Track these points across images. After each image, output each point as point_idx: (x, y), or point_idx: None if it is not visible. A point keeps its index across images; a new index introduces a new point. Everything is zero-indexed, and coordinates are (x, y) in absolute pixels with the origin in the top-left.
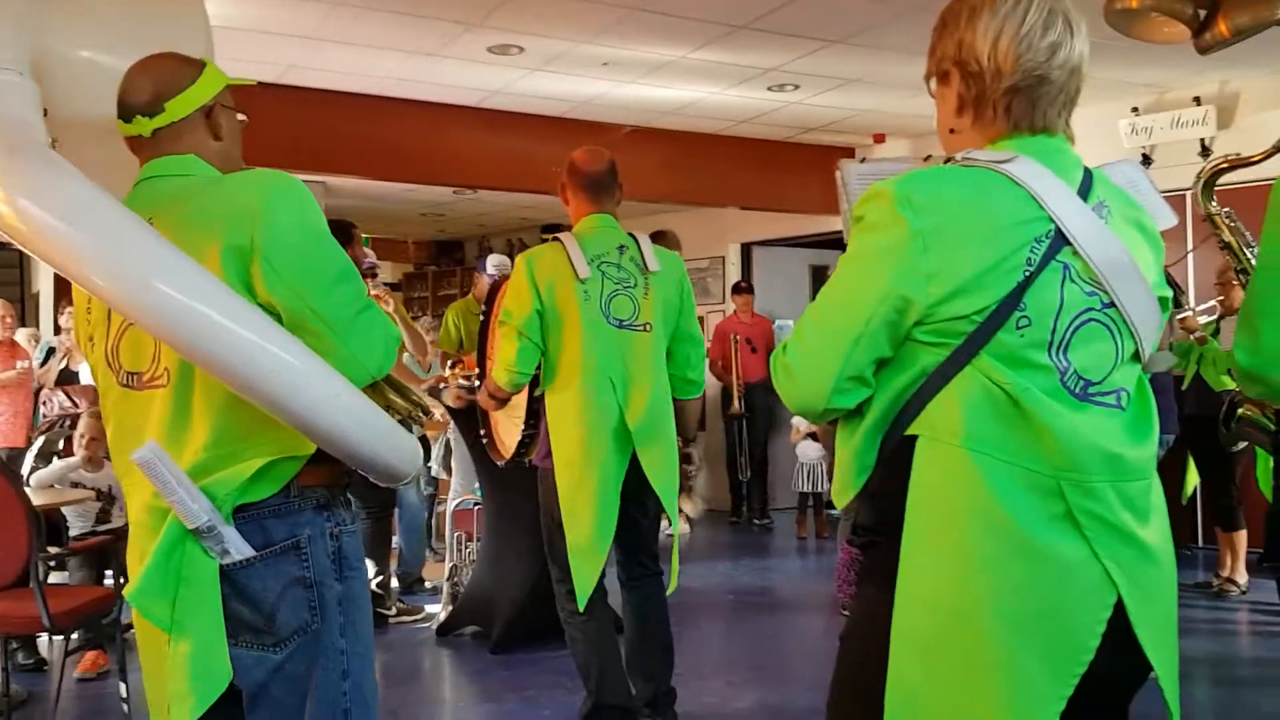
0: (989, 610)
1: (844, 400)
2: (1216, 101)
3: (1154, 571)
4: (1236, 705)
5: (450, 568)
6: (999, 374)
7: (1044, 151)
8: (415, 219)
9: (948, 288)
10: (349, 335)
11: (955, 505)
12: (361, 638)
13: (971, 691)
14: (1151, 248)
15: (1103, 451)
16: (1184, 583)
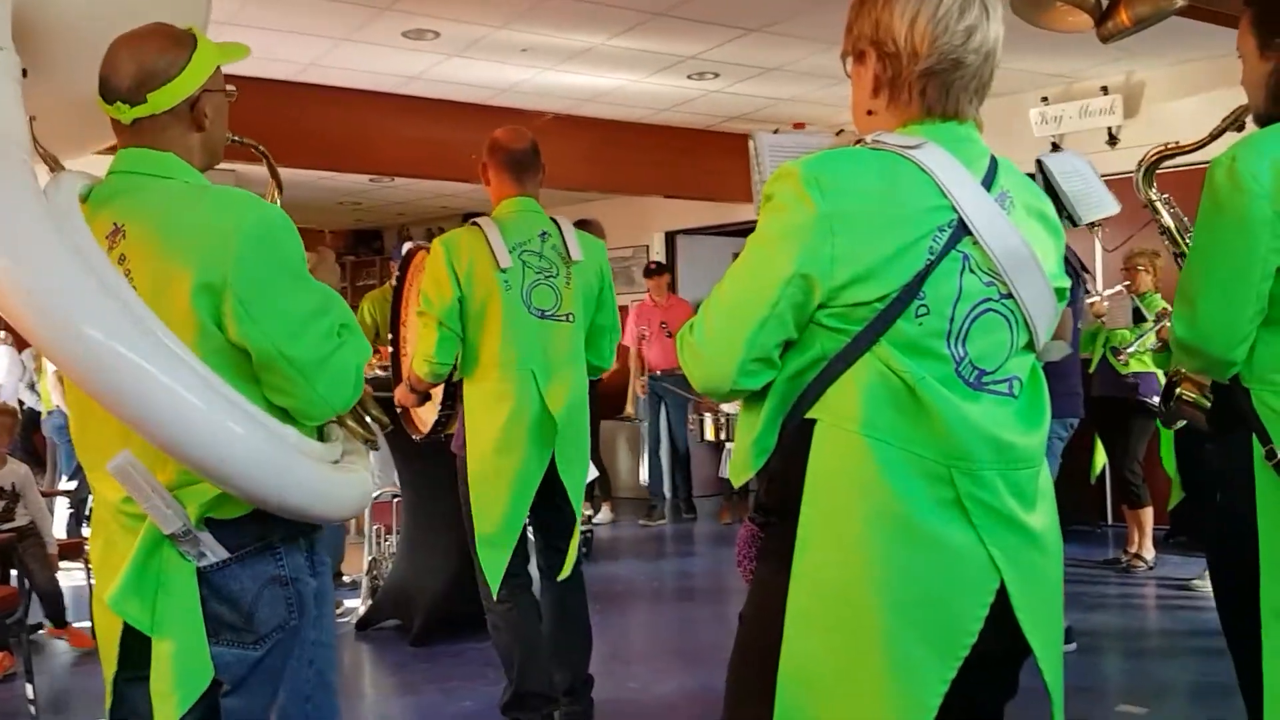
0: (875, 593)
1: (750, 381)
2: (1123, 91)
3: (1038, 556)
4: (1142, 676)
5: (369, 561)
6: (897, 362)
7: (953, 139)
8: (332, 208)
9: (851, 273)
10: (318, 378)
11: (849, 490)
12: (326, 629)
13: (859, 671)
14: (1053, 237)
15: (993, 440)
16: (1093, 559)
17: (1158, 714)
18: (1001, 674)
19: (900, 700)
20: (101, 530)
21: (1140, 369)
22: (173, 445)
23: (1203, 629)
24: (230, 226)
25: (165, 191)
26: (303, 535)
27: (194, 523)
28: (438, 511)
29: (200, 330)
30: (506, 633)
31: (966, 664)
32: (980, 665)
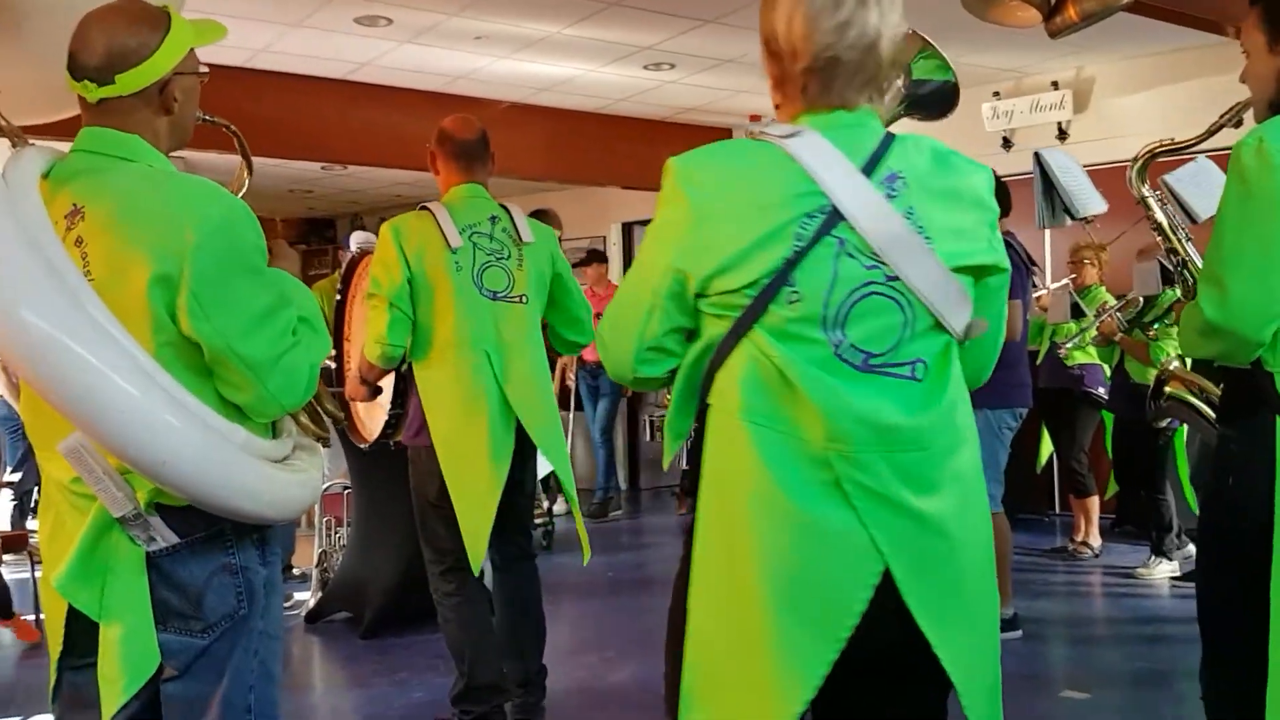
0: (759, 574)
1: (650, 369)
2: (1073, 86)
3: (934, 542)
4: (1086, 662)
5: (319, 553)
6: (770, 347)
7: (834, 125)
8: (283, 195)
9: (719, 263)
10: (270, 376)
11: (734, 473)
12: (273, 620)
13: (749, 650)
14: (972, 213)
15: (872, 423)
16: (1040, 547)
17: (1101, 700)
18: (911, 680)
19: (784, 678)
20: (50, 509)
21: (1085, 360)
22: (105, 435)
23: (1146, 616)
24: (189, 218)
25: (128, 175)
26: (254, 525)
27: (144, 506)
28: (389, 504)
29: (155, 321)
30: (456, 624)
31: (874, 659)
32: (882, 665)
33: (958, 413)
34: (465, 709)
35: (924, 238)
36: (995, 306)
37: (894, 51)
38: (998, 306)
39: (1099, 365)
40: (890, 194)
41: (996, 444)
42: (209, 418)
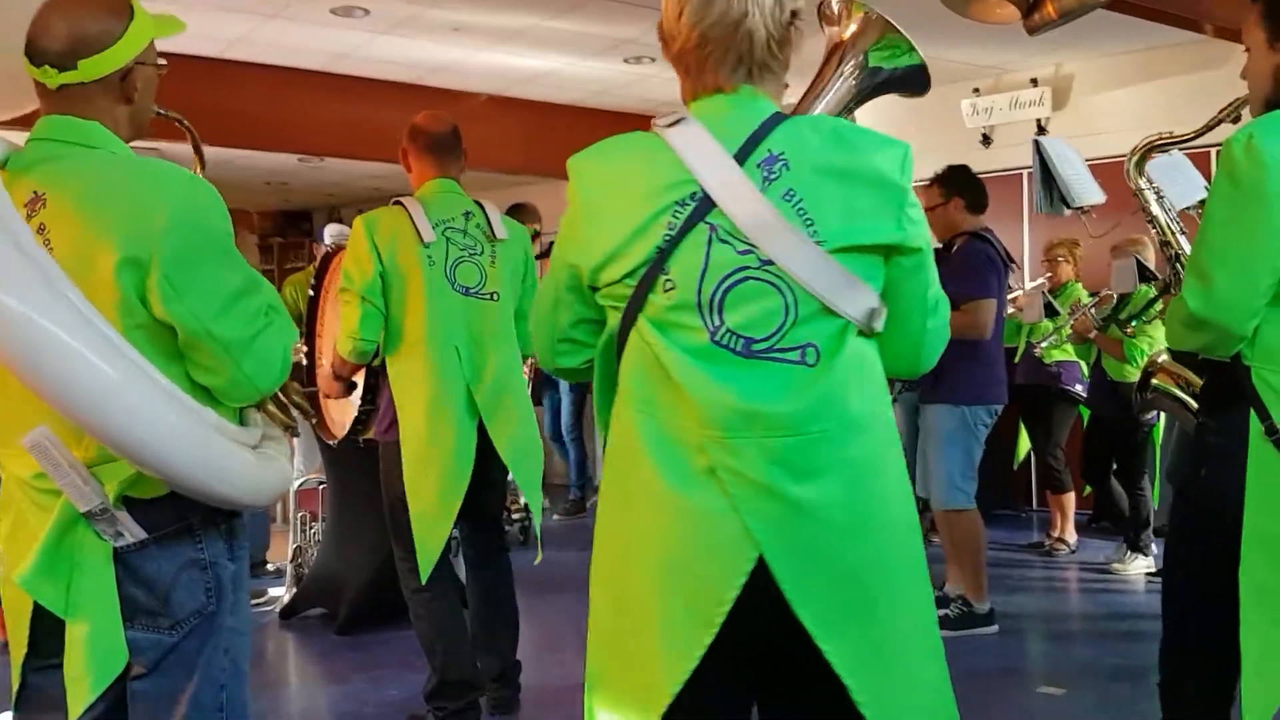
0: (642, 557)
1: (567, 360)
2: (1052, 83)
3: (815, 531)
4: (1063, 658)
5: (294, 549)
6: (651, 336)
7: (713, 109)
8: (259, 188)
9: (602, 255)
10: (244, 357)
11: (623, 461)
12: (242, 615)
13: (637, 630)
14: (870, 193)
15: (744, 409)
16: (1017, 543)
17: (1077, 695)
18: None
19: (663, 660)
20: (10, 507)
21: (1062, 358)
22: (87, 419)
23: (1122, 612)
24: (158, 200)
25: (90, 161)
26: (222, 519)
27: (112, 501)
28: (364, 499)
29: (123, 305)
30: (428, 621)
31: (766, 649)
32: (777, 651)
33: (851, 399)
34: (439, 705)
35: (805, 220)
36: (912, 288)
37: (772, 31)
38: (915, 288)
39: (1076, 363)
40: (768, 176)
41: (971, 440)
42: (184, 399)
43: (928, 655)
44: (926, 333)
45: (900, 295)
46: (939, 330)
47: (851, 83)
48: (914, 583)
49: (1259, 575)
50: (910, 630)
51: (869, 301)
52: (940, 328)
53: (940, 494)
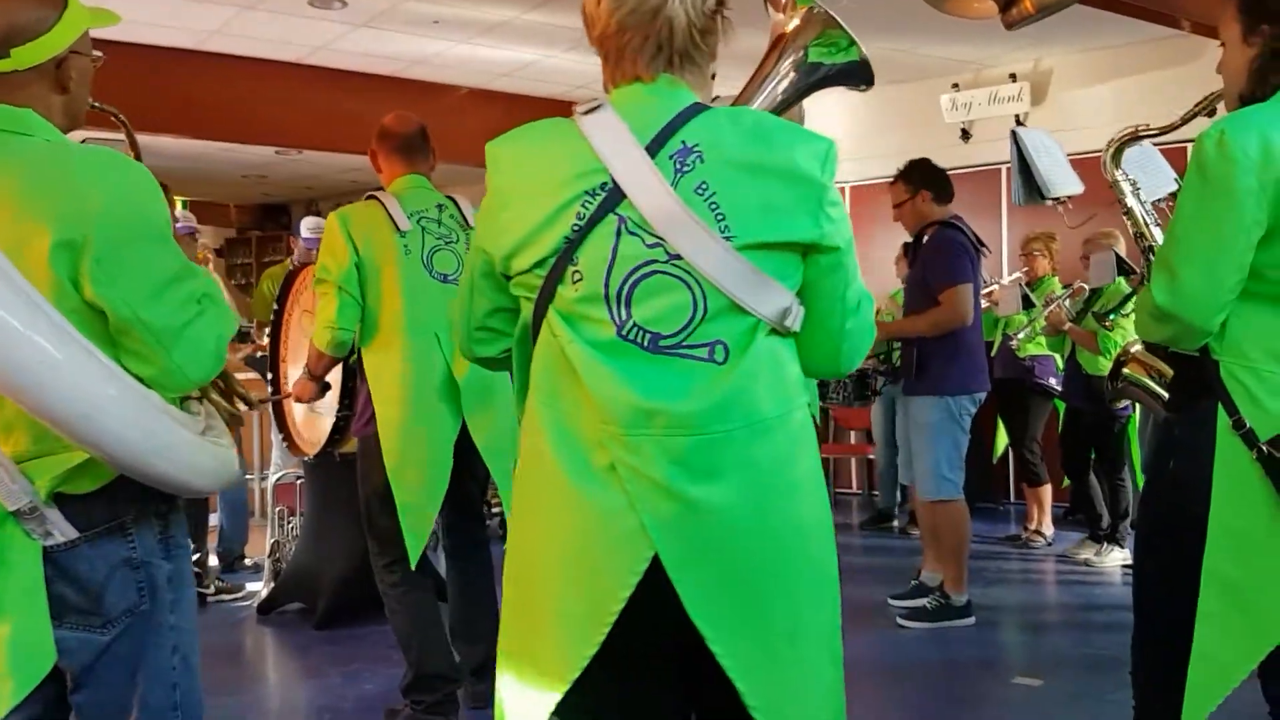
0: (542, 551)
1: (484, 349)
2: (1030, 78)
3: (710, 531)
4: (1039, 649)
5: (272, 543)
6: (557, 327)
7: (630, 98)
8: (236, 181)
9: (511, 243)
10: (175, 346)
11: (528, 455)
12: (187, 613)
13: (536, 621)
14: (785, 189)
15: (645, 406)
16: (995, 536)
17: (1053, 685)
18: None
19: (559, 651)
20: None
21: (1038, 352)
22: (27, 392)
23: (1098, 603)
24: (93, 184)
25: (24, 147)
26: (156, 516)
27: (43, 498)
28: (342, 493)
29: (57, 289)
30: (403, 615)
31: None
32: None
33: (761, 399)
34: (417, 698)
35: (716, 215)
36: (831, 287)
37: (694, 19)
38: (834, 287)
39: (1051, 357)
40: (680, 169)
41: (957, 430)
42: (126, 377)
43: (825, 660)
44: (846, 333)
45: (819, 294)
46: (861, 331)
47: (792, 76)
48: (816, 587)
49: (1222, 568)
50: (809, 635)
51: (781, 301)
52: (862, 328)
53: (928, 485)
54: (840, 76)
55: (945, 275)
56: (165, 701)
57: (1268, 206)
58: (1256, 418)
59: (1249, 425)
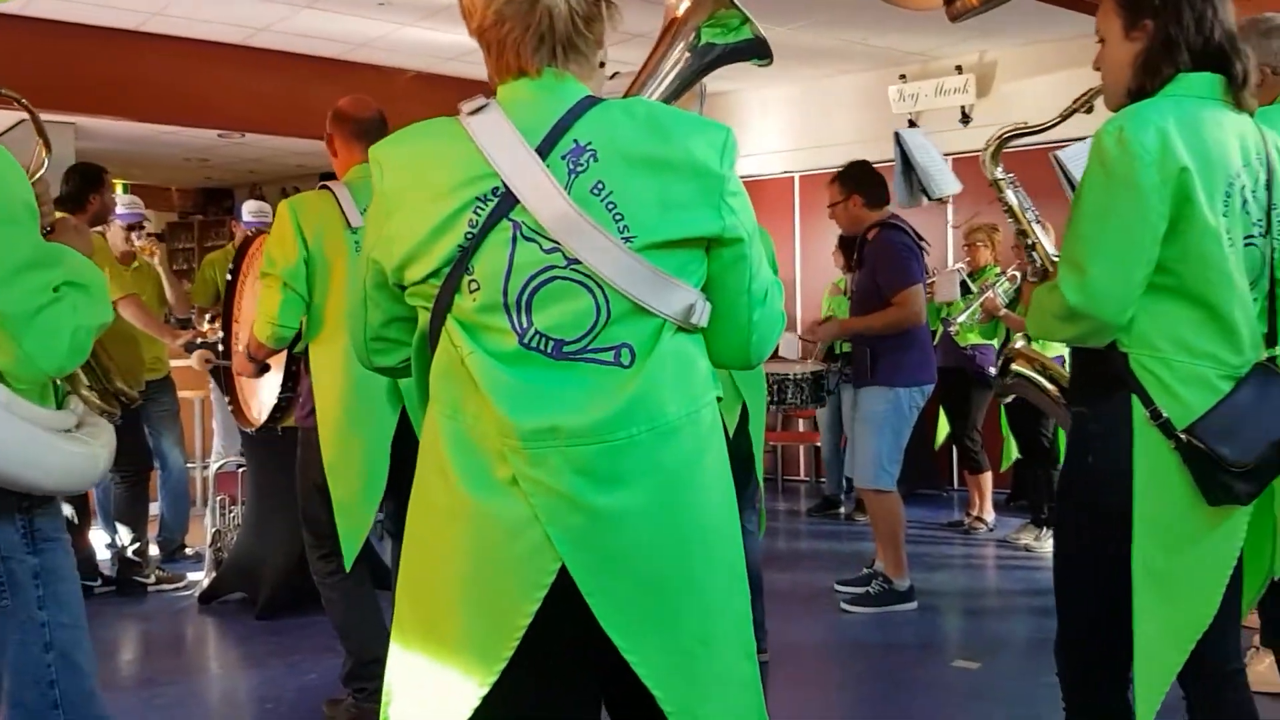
0: (441, 565)
1: (382, 359)
2: (976, 70)
3: (618, 539)
4: (978, 633)
5: (213, 533)
6: (457, 337)
7: (517, 95)
8: (178, 164)
9: (403, 253)
10: (25, 333)
11: (426, 467)
12: (67, 608)
13: (439, 638)
14: (684, 182)
15: (546, 416)
16: (938, 522)
17: (991, 669)
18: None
19: (464, 672)
20: None
21: (978, 341)
22: None
23: (1038, 587)
24: None
25: None
26: (18, 510)
27: None
28: (284, 482)
29: None
30: (341, 604)
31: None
32: (593, 663)
33: (667, 401)
34: (358, 686)
35: (614, 215)
36: (736, 280)
37: (576, 7)
38: (739, 280)
39: (991, 345)
40: (574, 169)
41: (902, 423)
42: None
43: (739, 656)
44: (754, 325)
45: (724, 287)
46: (769, 321)
47: (686, 58)
48: (726, 585)
49: (1150, 559)
50: (721, 634)
51: (685, 299)
52: (771, 319)
53: (867, 474)
54: (735, 55)
55: (897, 279)
56: (42, 701)
57: (1170, 200)
58: (1172, 407)
59: (1165, 415)
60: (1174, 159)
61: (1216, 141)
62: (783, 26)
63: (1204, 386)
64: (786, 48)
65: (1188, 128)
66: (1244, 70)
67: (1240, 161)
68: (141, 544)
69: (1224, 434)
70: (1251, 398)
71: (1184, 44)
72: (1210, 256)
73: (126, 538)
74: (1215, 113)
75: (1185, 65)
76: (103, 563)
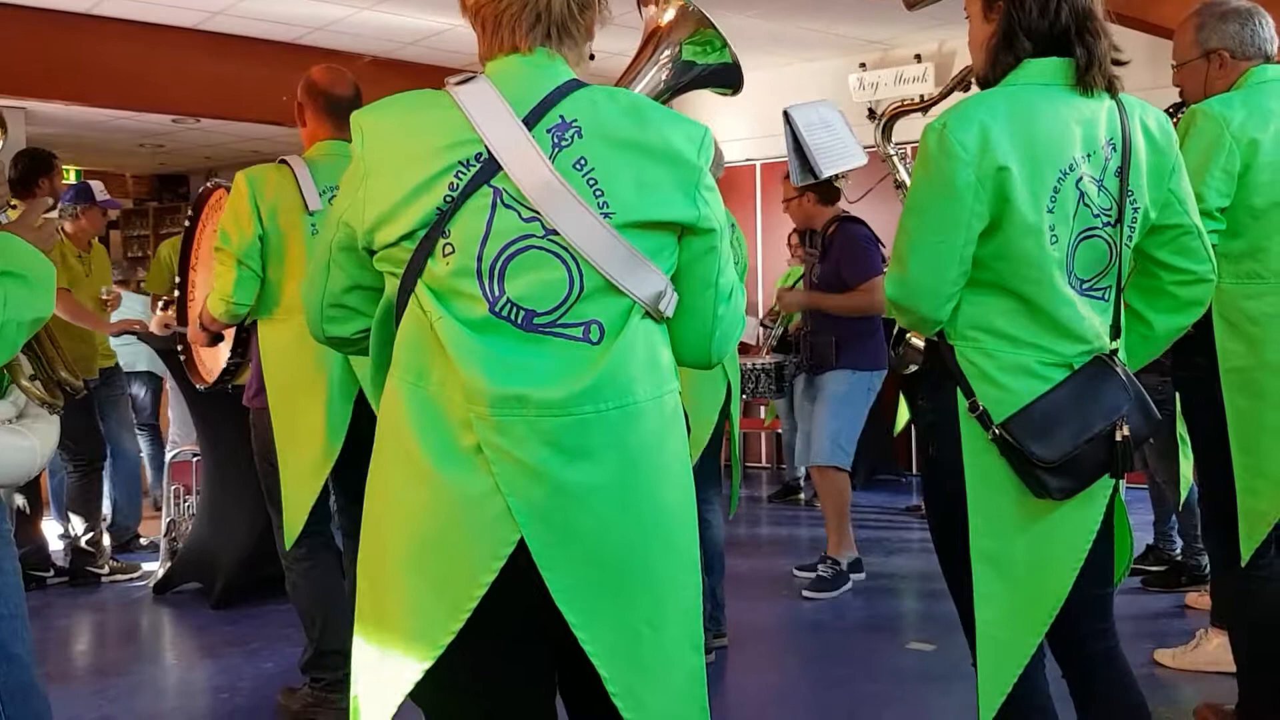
0: (391, 533)
1: (337, 328)
2: (935, 59)
3: (578, 513)
4: (934, 615)
5: (168, 523)
6: (428, 303)
7: (507, 70)
8: (133, 150)
9: (377, 215)
10: None
11: (385, 433)
12: (5, 598)
13: (384, 606)
14: (661, 168)
15: (516, 386)
16: (896, 506)
17: (945, 650)
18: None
19: (409, 641)
20: None
21: None
22: None
23: None
24: None
25: None
26: None
27: None
28: (239, 471)
29: None
30: (305, 590)
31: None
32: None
33: (633, 381)
34: (316, 676)
35: (595, 190)
36: (704, 271)
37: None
38: (707, 272)
39: None
40: (558, 143)
41: (862, 406)
42: None
43: (686, 646)
44: (719, 319)
45: (692, 278)
46: (732, 319)
47: (666, 72)
48: (678, 573)
49: (983, 544)
50: (670, 620)
51: (656, 284)
52: (734, 317)
53: (824, 450)
54: (712, 78)
55: (861, 269)
56: None
57: (987, 199)
58: (995, 397)
59: (983, 407)
60: (992, 158)
61: (1049, 134)
62: (744, 14)
63: (1028, 374)
64: (748, 35)
65: (1018, 121)
66: (1088, 52)
67: (1081, 151)
68: (95, 534)
69: (1038, 430)
70: (1074, 392)
71: (1024, 30)
72: (1028, 254)
73: (80, 528)
74: (1055, 101)
75: (1026, 52)
76: (56, 553)
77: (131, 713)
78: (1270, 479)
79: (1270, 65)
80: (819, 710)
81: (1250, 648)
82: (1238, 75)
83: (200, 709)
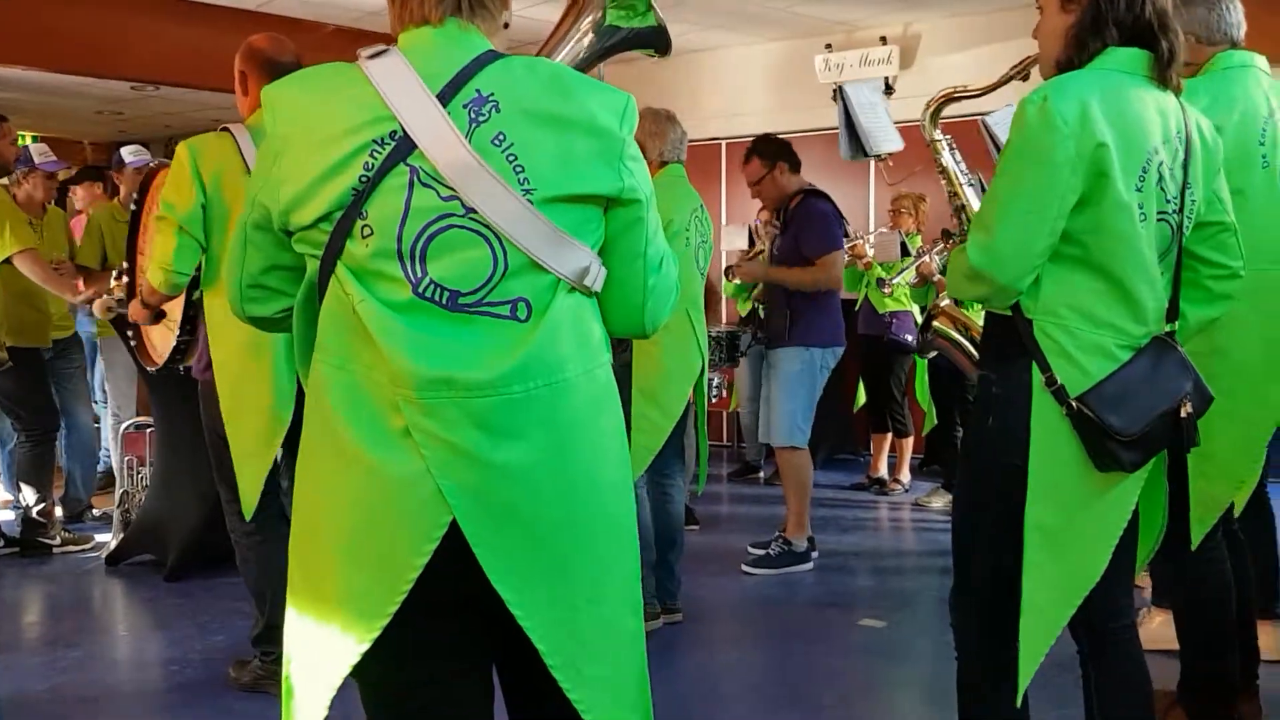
0: (323, 516)
1: (256, 308)
2: (900, 42)
3: (511, 493)
4: (886, 592)
5: (121, 494)
6: (349, 285)
7: (418, 44)
8: (91, 117)
9: (291, 196)
10: None
11: (312, 418)
12: None
13: (326, 591)
14: (583, 140)
15: (442, 368)
16: (854, 484)
17: (896, 626)
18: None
19: (344, 626)
20: None
21: (897, 308)
22: None
23: (945, 549)
24: None
25: None
26: None
27: None
28: (192, 443)
29: None
30: (256, 564)
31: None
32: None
33: (563, 358)
34: (267, 649)
35: (515, 167)
36: (632, 243)
37: None
38: (635, 243)
39: (909, 313)
40: (475, 118)
41: (815, 382)
42: None
43: (626, 613)
44: (650, 290)
45: (620, 251)
46: (664, 289)
47: (590, 38)
48: (616, 543)
49: (1041, 518)
50: (609, 590)
51: (581, 260)
52: (666, 287)
53: (783, 432)
54: (637, 40)
55: (820, 243)
56: None
57: (1083, 173)
58: (1070, 374)
59: (1060, 382)
60: (1092, 133)
61: (1138, 117)
62: None
63: (1103, 355)
64: (714, 14)
65: (1110, 102)
66: (1170, 48)
67: (1160, 138)
68: (47, 505)
69: (1113, 403)
70: (1144, 370)
71: (1112, 20)
72: (1120, 230)
73: (31, 498)
74: (1139, 88)
75: (1113, 40)
76: (6, 523)
77: (82, 684)
78: (1219, 463)
79: (1237, 51)
80: (770, 684)
81: (1195, 628)
82: (1204, 60)
83: (151, 681)
